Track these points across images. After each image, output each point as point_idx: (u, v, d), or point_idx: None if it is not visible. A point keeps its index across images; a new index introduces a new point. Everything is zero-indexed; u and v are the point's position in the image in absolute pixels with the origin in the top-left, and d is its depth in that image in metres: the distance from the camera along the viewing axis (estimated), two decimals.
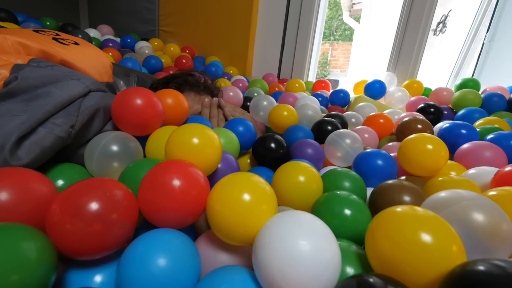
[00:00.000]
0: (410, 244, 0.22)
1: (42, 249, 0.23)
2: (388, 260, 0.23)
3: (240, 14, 1.31)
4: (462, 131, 0.55)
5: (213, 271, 0.27)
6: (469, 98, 0.79)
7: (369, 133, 0.65)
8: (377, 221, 0.26)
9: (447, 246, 0.22)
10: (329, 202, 0.36)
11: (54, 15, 1.48)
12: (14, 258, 0.21)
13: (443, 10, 1.73)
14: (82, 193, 0.26)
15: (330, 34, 5.65)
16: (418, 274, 0.22)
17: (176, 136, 0.35)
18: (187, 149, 0.34)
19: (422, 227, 0.23)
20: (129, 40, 1.40)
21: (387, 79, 1.08)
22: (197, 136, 0.35)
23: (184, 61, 1.26)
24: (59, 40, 0.51)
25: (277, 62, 1.35)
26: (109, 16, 1.81)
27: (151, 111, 0.43)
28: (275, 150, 0.52)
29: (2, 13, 1.14)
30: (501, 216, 0.26)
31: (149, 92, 0.44)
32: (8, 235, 0.22)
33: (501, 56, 1.19)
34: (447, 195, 0.29)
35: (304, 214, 0.26)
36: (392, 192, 0.37)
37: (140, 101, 0.42)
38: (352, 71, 2.85)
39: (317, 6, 1.25)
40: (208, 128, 0.37)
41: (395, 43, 1.13)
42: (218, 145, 0.37)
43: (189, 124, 0.37)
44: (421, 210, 0.25)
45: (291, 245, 0.23)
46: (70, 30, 1.27)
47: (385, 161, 0.48)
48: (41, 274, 0.22)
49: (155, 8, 1.60)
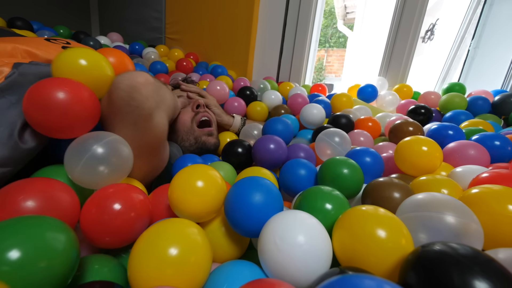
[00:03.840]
0: (367, 238, 0.25)
1: (68, 240, 0.23)
2: (350, 251, 0.26)
3: (241, 23, 1.31)
4: (449, 132, 0.55)
5: (222, 266, 0.28)
6: (456, 101, 0.79)
7: (364, 136, 0.66)
8: (342, 218, 0.29)
9: (397, 239, 0.25)
10: (312, 197, 0.35)
11: (67, 23, 1.48)
12: (42, 247, 0.21)
13: (431, 19, 1.73)
14: (108, 197, 0.31)
15: (325, 41, 5.66)
16: (374, 263, 0.25)
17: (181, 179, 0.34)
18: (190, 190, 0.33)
19: (377, 224, 0.26)
20: (137, 46, 1.40)
21: (378, 83, 1.08)
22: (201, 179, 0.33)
23: (185, 63, 1.24)
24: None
25: (276, 67, 1.36)
26: (119, 24, 1.81)
27: (78, 108, 0.33)
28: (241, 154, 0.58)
29: (19, 21, 1.14)
30: (469, 216, 0.27)
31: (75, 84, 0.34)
32: (38, 226, 0.23)
33: (485, 62, 1.19)
34: (424, 198, 0.30)
35: (302, 213, 0.29)
36: (383, 189, 0.37)
37: (62, 95, 0.32)
38: (346, 76, 2.85)
39: (313, 15, 1.25)
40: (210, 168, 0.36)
41: (386, 50, 1.13)
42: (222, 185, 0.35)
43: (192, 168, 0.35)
44: (381, 210, 0.27)
45: (292, 240, 0.25)
46: (82, 37, 1.27)
47: (373, 159, 0.48)
48: (66, 263, 0.22)
49: (162, 17, 1.59)
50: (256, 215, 0.30)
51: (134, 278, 0.24)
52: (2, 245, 0.20)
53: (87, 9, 1.95)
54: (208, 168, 0.35)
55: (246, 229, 0.31)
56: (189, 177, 0.33)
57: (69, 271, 0.23)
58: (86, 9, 1.95)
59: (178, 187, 0.32)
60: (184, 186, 0.32)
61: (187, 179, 0.33)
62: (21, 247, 0.20)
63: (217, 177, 0.34)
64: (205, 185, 0.32)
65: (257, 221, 0.30)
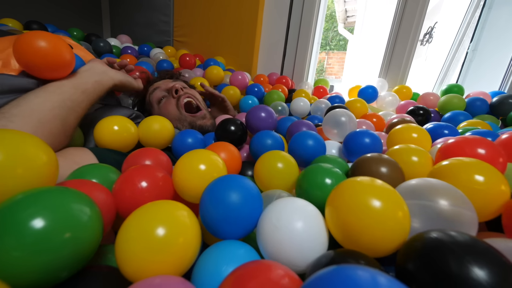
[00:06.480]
0: (362, 209, 0.23)
1: (93, 213, 0.22)
2: (342, 224, 0.24)
3: (246, 26, 1.31)
4: (445, 131, 0.55)
5: (216, 245, 0.27)
6: (454, 102, 0.78)
7: (367, 125, 0.65)
8: (336, 190, 0.27)
9: (394, 211, 0.23)
10: (312, 173, 0.34)
11: (80, 26, 1.49)
12: (68, 217, 0.20)
13: (429, 22, 1.71)
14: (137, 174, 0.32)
15: (326, 44, 5.62)
16: (368, 235, 0.22)
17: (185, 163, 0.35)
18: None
19: (371, 194, 0.23)
20: (146, 48, 1.40)
21: (378, 85, 1.06)
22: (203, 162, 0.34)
23: (188, 58, 1.22)
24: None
25: (279, 69, 1.35)
26: (129, 27, 1.81)
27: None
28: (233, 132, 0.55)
29: (35, 24, 1.15)
30: (464, 204, 0.25)
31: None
32: (65, 197, 0.21)
33: (483, 64, 1.17)
34: (418, 184, 0.28)
35: (300, 200, 0.28)
36: (370, 164, 0.35)
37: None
38: (346, 78, 2.83)
39: (316, 19, 1.24)
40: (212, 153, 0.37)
41: (386, 52, 1.12)
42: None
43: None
44: (377, 181, 0.25)
45: (289, 220, 0.25)
46: (93, 39, 1.27)
47: (372, 139, 0.48)
48: (90, 235, 0.21)
49: (170, 21, 1.59)
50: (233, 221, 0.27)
51: (121, 258, 0.22)
52: (24, 213, 0.19)
53: (99, 13, 1.96)
54: (210, 153, 0.36)
55: (223, 234, 0.28)
56: (192, 161, 0.34)
57: (94, 245, 0.21)
58: (98, 13, 1.96)
59: (182, 170, 0.33)
60: (187, 168, 0.33)
61: (191, 163, 0.34)
62: (45, 215, 0.19)
63: (218, 162, 0.35)
64: (207, 169, 0.33)
65: (235, 225, 0.27)
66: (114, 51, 1.28)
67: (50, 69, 0.42)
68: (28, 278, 0.18)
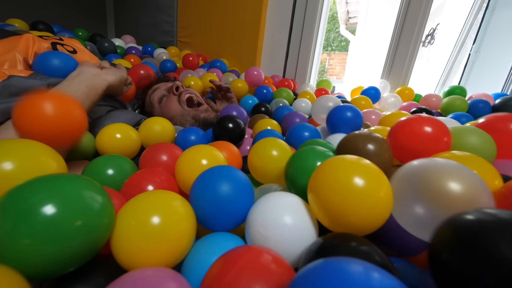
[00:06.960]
0: (342, 187, 0.22)
1: (105, 202, 0.21)
2: (327, 205, 0.23)
3: (249, 27, 1.30)
4: None
5: (206, 237, 0.27)
6: (457, 103, 0.78)
7: (376, 114, 0.66)
8: (314, 174, 0.26)
9: (375, 189, 0.22)
10: (303, 156, 0.33)
11: (85, 26, 1.49)
12: (80, 205, 0.20)
13: (431, 23, 1.70)
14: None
15: (328, 45, 5.61)
16: (353, 215, 0.22)
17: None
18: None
19: (355, 173, 0.22)
20: (150, 48, 1.40)
21: (381, 86, 1.06)
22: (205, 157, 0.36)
23: (191, 58, 1.22)
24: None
25: (282, 70, 1.35)
26: (133, 28, 1.82)
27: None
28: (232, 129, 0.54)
29: (41, 25, 1.15)
30: (481, 186, 0.21)
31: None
32: (73, 182, 0.21)
33: (486, 66, 1.16)
34: (422, 163, 0.25)
35: (290, 196, 0.27)
36: (357, 141, 0.34)
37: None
38: (347, 78, 2.82)
39: (318, 20, 1.24)
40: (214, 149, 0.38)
41: (389, 53, 1.11)
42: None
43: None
44: (353, 157, 0.25)
45: (274, 224, 0.24)
46: (98, 39, 1.27)
47: (353, 113, 0.51)
48: (102, 223, 0.21)
49: (173, 21, 1.59)
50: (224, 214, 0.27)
51: (115, 247, 0.22)
52: (34, 199, 0.18)
53: (103, 14, 1.97)
54: (212, 148, 0.37)
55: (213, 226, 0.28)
56: (195, 156, 0.35)
57: (104, 234, 0.21)
58: (103, 13, 1.96)
59: (184, 164, 0.35)
60: (189, 162, 0.35)
61: (194, 157, 0.35)
62: (56, 202, 0.18)
63: (219, 156, 0.37)
64: (208, 163, 0.34)
65: (226, 217, 0.27)
66: (119, 51, 1.28)
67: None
68: (39, 267, 0.18)
